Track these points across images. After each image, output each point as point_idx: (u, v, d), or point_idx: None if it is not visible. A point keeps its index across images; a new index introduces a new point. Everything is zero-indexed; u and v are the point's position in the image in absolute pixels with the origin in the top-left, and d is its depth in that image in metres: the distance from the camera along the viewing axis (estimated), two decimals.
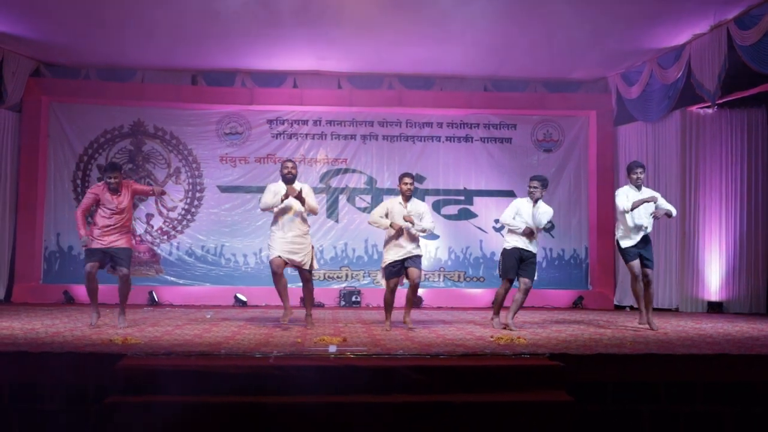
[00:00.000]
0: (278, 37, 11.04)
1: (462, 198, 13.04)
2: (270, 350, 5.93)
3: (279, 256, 7.92)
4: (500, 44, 11.25)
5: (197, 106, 12.89)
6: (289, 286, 8.28)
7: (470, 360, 5.76)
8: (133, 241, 8.29)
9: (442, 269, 12.96)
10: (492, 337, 7.17)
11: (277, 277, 8.00)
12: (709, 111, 11.28)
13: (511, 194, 12.91)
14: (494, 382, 5.42)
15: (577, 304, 12.55)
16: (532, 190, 8.49)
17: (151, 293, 12.07)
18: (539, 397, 5.28)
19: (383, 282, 8.35)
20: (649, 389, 5.62)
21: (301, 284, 8.45)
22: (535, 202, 8.49)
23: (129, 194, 7.98)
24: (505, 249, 8.64)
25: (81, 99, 12.64)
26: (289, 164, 8.25)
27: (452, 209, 13.00)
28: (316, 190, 12.86)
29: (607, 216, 12.82)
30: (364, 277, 12.79)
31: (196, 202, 12.84)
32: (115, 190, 7.87)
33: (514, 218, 8.55)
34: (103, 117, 12.75)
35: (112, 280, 12.25)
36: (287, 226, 8.06)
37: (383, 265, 8.26)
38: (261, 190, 12.03)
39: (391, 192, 12.95)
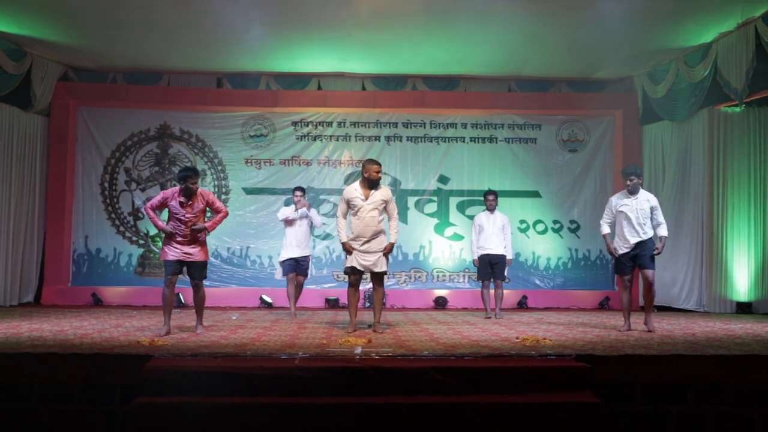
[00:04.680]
0: (302, 39, 11.10)
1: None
2: (296, 351, 5.96)
3: (354, 267, 7.93)
4: (524, 44, 11.23)
5: (222, 108, 13.00)
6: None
7: (496, 361, 5.73)
8: (209, 252, 8.00)
9: (466, 270, 12.93)
10: (517, 338, 7.14)
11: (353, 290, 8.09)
12: (737, 109, 11.15)
13: (536, 195, 12.91)
14: (520, 383, 5.40)
15: (604, 305, 12.47)
16: (489, 202, 10.09)
17: (177, 295, 12.15)
18: (566, 398, 5.26)
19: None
20: (677, 390, 5.57)
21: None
22: (492, 212, 10.07)
23: (201, 204, 7.53)
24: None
25: (108, 103, 12.80)
26: (375, 167, 7.94)
27: (477, 210, 12.92)
28: (340, 192, 12.91)
29: None
30: (388, 278, 12.79)
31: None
32: (187, 197, 7.46)
33: (478, 237, 10.07)
34: (130, 120, 12.90)
35: (134, 282, 12.45)
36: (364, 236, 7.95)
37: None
38: (286, 192, 12.09)
39: (415, 193, 12.99)
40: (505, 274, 10.20)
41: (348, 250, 7.95)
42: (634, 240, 8.06)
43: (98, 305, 12.08)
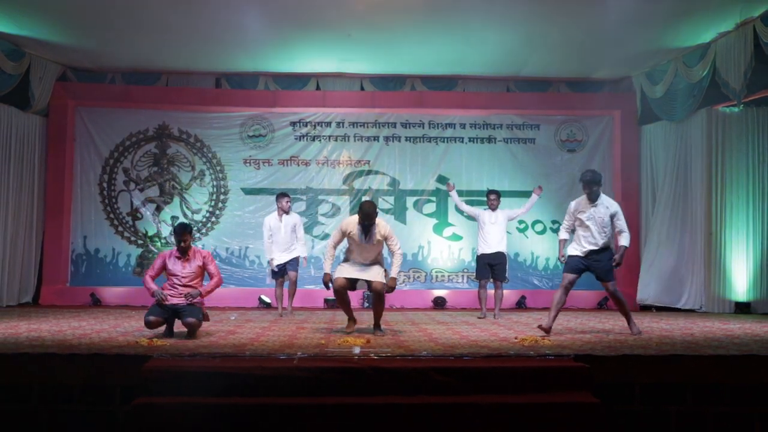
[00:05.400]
0: (301, 39, 11.10)
1: (485, 199, 12.93)
2: (294, 351, 5.96)
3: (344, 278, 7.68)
4: (523, 44, 11.23)
5: (221, 108, 12.98)
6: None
7: (495, 361, 5.74)
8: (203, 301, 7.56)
9: (465, 270, 12.93)
10: (516, 338, 7.15)
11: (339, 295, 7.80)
12: (735, 110, 11.15)
13: None
14: (520, 383, 5.40)
15: (602, 305, 12.47)
16: (491, 201, 10.16)
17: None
18: (565, 398, 5.26)
19: None
20: (676, 390, 5.58)
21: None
22: (495, 210, 10.11)
23: (198, 262, 7.31)
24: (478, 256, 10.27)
25: (107, 103, 12.78)
26: (365, 212, 7.57)
27: None
28: (339, 192, 12.93)
29: (632, 216, 12.75)
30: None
31: (220, 205, 12.92)
32: (183, 253, 7.29)
33: (479, 233, 10.20)
34: (129, 120, 12.89)
35: (132, 282, 12.42)
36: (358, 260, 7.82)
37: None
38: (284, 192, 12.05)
39: (414, 193, 12.99)
40: (506, 275, 10.20)
41: (325, 282, 7.66)
42: (588, 247, 7.62)
43: (97, 305, 12.07)
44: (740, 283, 11.12)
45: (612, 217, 7.64)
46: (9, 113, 11.63)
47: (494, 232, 10.00)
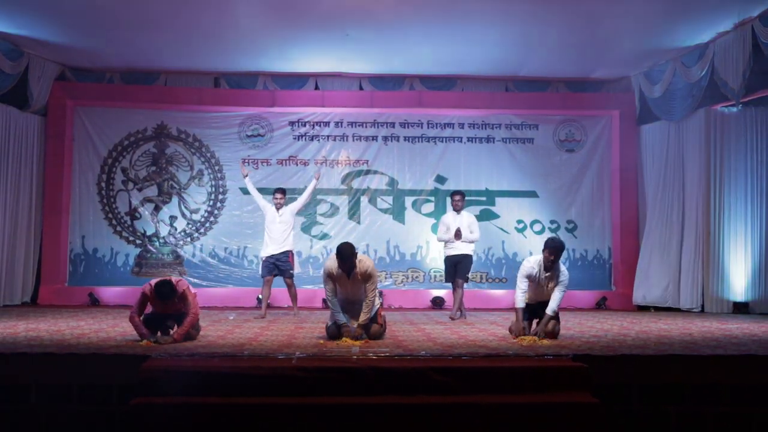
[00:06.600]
0: (299, 39, 11.10)
1: (484, 199, 12.99)
2: (293, 351, 5.95)
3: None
4: (521, 44, 11.24)
5: (219, 108, 12.96)
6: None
7: (494, 361, 5.74)
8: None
9: None
10: (515, 338, 7.14)
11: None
12: (734, 109, 11.15)
13: (533, 195, 12.90)
14: (519, 383, 5.40)
15: (601, 305, 12.47)
16: (456, 202, 9.88)
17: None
18: (564, 398, 5.25)
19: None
20: (675, 390, 5.58)
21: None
22: (459, 212, 9.85)
23: (180, 301, 6.83)
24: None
25: (105, 102, 12.77)
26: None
27: (474, 210, 12.87)
28: (338, 192, 12.91)
29: (631, 216, 12.78)
30: (386, 278, 12.78)
31: (218, 204, 12.91)
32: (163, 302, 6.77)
33: (446, 233, 9.86)
34: (127, 120, 12.87)
35: (131, 282, 12.40)
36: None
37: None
38: None
39: (413, 193, 12.98)
40: (468, 274, 9.91)
41: (332, 335, 7.00)
42: (533, 304, 7.33)
43: (95, 305, 12.05)
44: (738, 283, 11.12)
45: (559, 283, 7.19)
46: (7, 113, 11.62)
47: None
